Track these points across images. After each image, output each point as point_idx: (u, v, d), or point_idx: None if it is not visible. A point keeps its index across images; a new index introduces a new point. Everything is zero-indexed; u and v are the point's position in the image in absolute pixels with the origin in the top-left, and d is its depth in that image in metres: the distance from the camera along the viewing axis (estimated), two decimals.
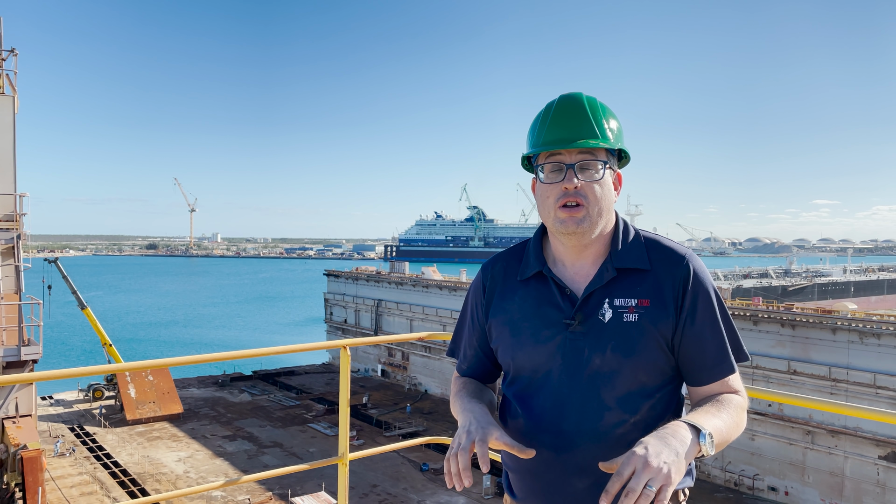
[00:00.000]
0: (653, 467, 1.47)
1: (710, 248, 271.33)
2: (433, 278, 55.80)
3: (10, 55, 19.41)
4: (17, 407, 18.22)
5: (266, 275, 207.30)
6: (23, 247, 18.72)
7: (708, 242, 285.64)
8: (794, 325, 31.91)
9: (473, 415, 1.78)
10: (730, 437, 1.71)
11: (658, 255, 1.83)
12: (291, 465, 3.50)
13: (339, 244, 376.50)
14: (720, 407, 1.73)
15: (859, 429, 29.15)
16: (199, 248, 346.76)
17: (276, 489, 30.11)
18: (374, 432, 40.67)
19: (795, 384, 31.08)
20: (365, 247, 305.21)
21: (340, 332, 61.45)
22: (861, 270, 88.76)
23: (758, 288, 60.55)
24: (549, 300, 1.83)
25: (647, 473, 1.46)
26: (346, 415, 3.36)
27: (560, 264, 1.88)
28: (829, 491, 30.36)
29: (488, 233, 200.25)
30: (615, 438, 1.75)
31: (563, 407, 1.78)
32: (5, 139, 18.43)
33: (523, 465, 1.86)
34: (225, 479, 25.54)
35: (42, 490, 17.53)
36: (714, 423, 1.66)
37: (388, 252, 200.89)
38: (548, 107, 1.84)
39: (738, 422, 1.74)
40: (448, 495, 30.72)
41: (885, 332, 29.17)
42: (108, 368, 2.83)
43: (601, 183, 1.78)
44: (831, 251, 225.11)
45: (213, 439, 38.18)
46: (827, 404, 2.40)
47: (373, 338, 3.65)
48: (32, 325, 17.56)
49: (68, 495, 28.91)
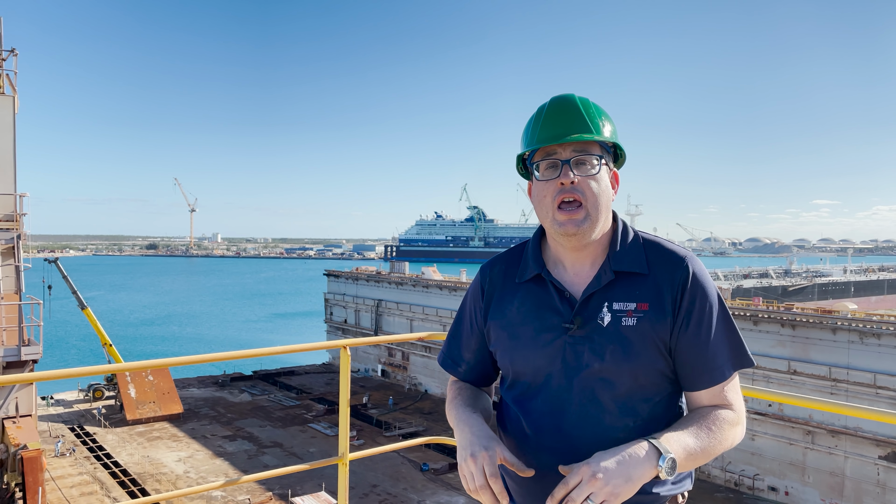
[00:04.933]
0: (598, 482, 1.52)
1: (710, 249, 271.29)
2: (433, 278, 55.77)
3: (10, 55, 19.42)
4: (17, 407, 18.22)
5: (266, 275, 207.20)
6: (23, 247, 18.72)
7: (708, 242, 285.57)
8: (794, 325, 31.89)
9: (471, 429, 1.78)
10: (707, 455, 1.69)
11: (657, 257, 1.81)
12: (291, 465, 3.49)
13: (339, 244, 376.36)
14: (702, 424, 1.72)
15: (859, 429, 29.14)
16: (199, 249, 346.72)
17: (276, 489, 30.08)
18: (374, 432, 40.64)
19: (795, 384, 31.06)
20: (365, 247, 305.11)
21: (340, 332, 61.43)
22: (861, 270, 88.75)
23: (758, 288, 60.54)
24: (548, 303, 1.82)
25: (590, 487, 1.52)
26: (346, 415, 3.36)
27: (559, 266, 1.87)
28: (830, 491, 30.34)
29: (488, 233, 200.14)
30: (615, 442, 1.73)
31: (562, 411, 1.77)
32: (5, 139, 18.43)
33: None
34: (225, 479, 25.53)
35: (42, 490, 17.53)
36: (685, 444, 1.65)
37: (388, 252, 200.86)
38: (541, 107, 1.84)
39: (721, 439, 1.72)
40: (448, 495, 30.70)
41: (885, 332, 29.15)
42: (108, 368, 2.83)
43: (597, 179, 1.77)
44: (831, 251, 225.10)
45: (213, 439, 38.16)
46: (827, 404, 2.39)
47: (373, 338, 3.65)
48: (32, 325, 17.57)
49: (68, 495, 28.90)
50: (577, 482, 1.53)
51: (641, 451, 1.60)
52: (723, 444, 1.73)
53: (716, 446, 1.70)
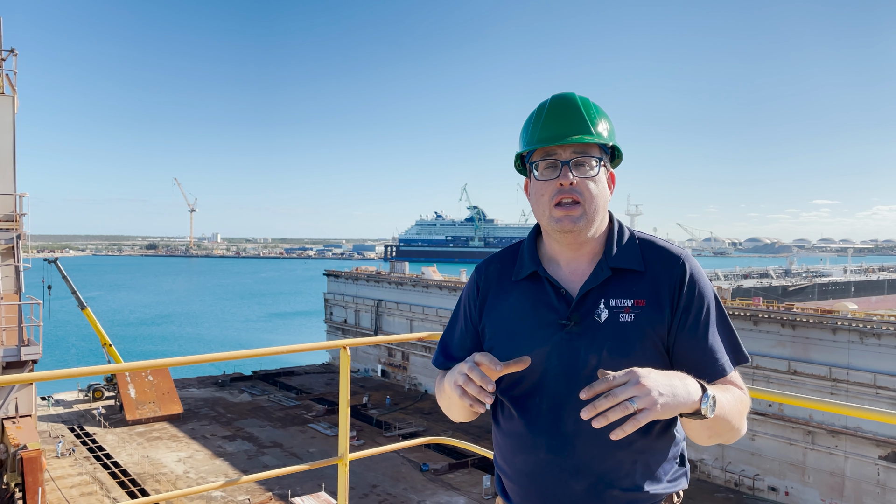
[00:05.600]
0: (644, 387, 1.47)
1: (710, 248, 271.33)
2: (433, 278, 55.77)
3: (10, 55, 19.41)
4: (17, 407, 18.21)
5: (266, 275, 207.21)
6: (23, 247, 18.70)
7: (708, 242, 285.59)
8: (794, 326, 31.90)
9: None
10: (731, 416, 1.68)
11: (654, 255, 1.82)
12: (291, 466, 3.49)
13: (339, 244, 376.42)
14: (726, 389, 1.72)
15: (859, 429, 29.14)
16: (199, 249, 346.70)
17: (276, 489, 30.08)
18: (374, 432, 40.64)
19: (795, 384, 31.06)
20: (365, 247, 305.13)
21: (340, 332, 61.43)
22: (861, 270, 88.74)
23: (758, 288, 60.53)
24: (545, 301, 1.82)
25: (635, 389, 1.47)
26: (346, 415, 3.36)
27: (555, 264, 1.87)
28: (830, 491, 30.34)
29: (488, 233, 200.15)
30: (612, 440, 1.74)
31: (559, 408, 1.77)
32: (5, 139, 18.42)
33: (519, 468, 1.85)
34: (225, 479, 25.52)
35: (42, 490, 17.51)
36: (720, 396, 1.65)
37: (388, 252, 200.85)
38: (541, 106, 1.84)
39: (740, 410, 1.72)
40: (448, 495, 30.71)
41: (885, 332, 29.15)
42: (108, 368, 2.83)
43: (596, 180, 1.78)
44: (831, 251, 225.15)
45: (213, 439, 38.16)
46: (827, 404, 2.39)
47: (373, 338, 3.65)
48: (32, 325, 17.56)
49: (68, 495, 28.90)
50: (622, 382, 1.48)
51: (689, 380, 1.59)
52: (742, 414, 1.73)
53: (736, 416, 1.70)
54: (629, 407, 1.45)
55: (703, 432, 1.68)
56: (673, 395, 1.51)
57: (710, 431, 1.67)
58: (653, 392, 1.47)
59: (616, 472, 1.76)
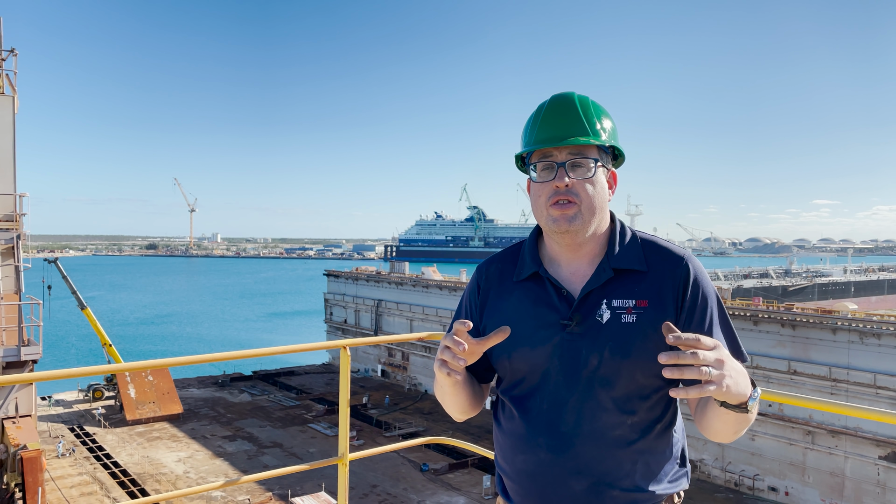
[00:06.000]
0: (725, 364, 1.48)
1: (710, 248, 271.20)
2: (433, 278, 55.77)
3: (10, 55, 19.40)
4: (17, 407, 18.20)
5: (266, 275, 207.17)
6: (23, 247, 18.70)
7: (708, 242, 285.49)
8: (794, 326, 31.89)
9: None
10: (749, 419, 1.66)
11: (656, 256, 1.82)
12: (291, 466, 3.49)
13: (339, 244, 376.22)
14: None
15: (859, 429, 29.14)
16: (199, 249, 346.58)
17: (276, 489, 30.08)
18: (374, 432, 40.63)
19: (795, 384, 31.06)
20: (365, 247, 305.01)
21: (340, 332, 61.42)
22: (861, 270, 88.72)
23: (758, 288, 60.51)
24: (546, 301, 1.82)
25: (716, 362, 1.46)
26: (346, 415, 3.36)
27: (556, 265, 1.87)
28: (830, 491, 30.34)
29: (488, 233, 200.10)
30: (613, 440, 1.74)
31: (560, 408, 1.77)
32: (5, 139, 18.41)
33: (519, 468, 1.85)
34: (225, 479, 25.52)
35: (42, 490, 17.51)
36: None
37: (388, 252, 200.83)
38: (540, 107, 1.85)
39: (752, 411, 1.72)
40: (448, 495, 30.70)
41: (885, 332, 29.14)
42: (108, 368, 2.83)
43: (593, 181, 1.77)
44: (831, 251, 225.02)
45: (213, 439, 38.16)
46: (827, 404, 2.39)
47: (373, 338, 3.65)
48: (32, 325, 17.55)
49: (68, 495, 28.90)
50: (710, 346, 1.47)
51: (746, 373, 1.60)
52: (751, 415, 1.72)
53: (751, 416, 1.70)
54: (704, 373, 1.45)
55: (732, 426, 1.66)
56: (737, 382, 1.52)
57: (738, 426, 1.66)
58: (726, 370, 1.48)
59: (616, 473, 1.76)
